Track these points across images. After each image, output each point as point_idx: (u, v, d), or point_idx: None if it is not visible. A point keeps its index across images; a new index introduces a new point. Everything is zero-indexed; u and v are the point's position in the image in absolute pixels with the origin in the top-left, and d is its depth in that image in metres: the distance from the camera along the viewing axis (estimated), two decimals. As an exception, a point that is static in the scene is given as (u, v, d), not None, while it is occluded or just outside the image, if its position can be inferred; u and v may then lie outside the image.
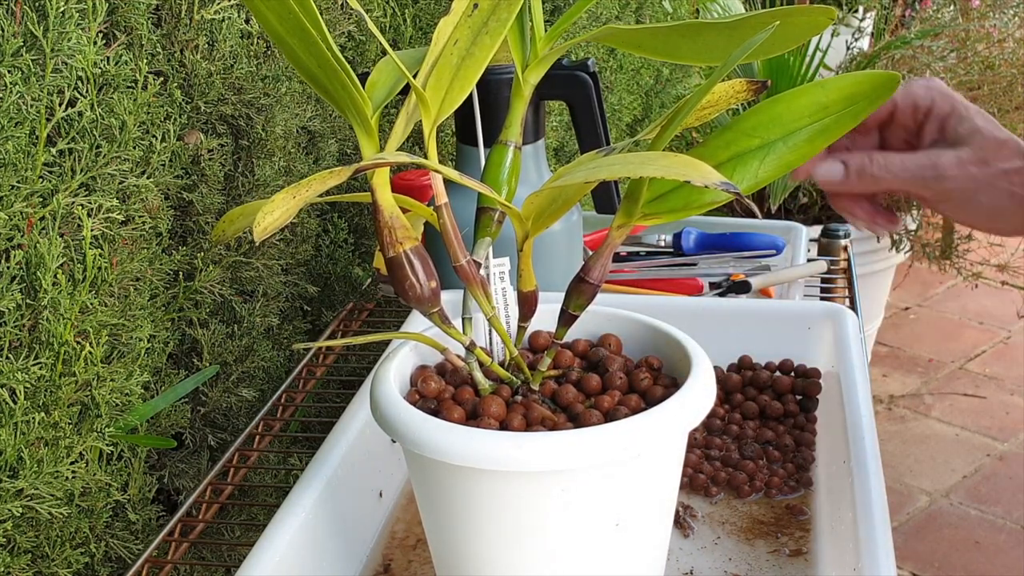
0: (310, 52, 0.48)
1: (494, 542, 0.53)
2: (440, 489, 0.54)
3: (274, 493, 0.93)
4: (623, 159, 0.49)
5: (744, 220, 1.27)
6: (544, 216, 0.56)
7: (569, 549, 0.53)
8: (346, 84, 0.50)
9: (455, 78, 0.53)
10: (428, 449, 0.51)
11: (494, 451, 0.49)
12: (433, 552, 0.59)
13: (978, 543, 1.95)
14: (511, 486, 0.51)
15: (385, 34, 1.14)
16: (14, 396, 0.68)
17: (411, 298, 0.55)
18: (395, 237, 0.53)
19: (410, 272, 0.54)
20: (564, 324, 0.59)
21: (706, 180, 0.43)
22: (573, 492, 0.51)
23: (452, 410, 0.54)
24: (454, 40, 0.53)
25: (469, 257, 0.56)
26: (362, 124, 0.52)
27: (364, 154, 0.53)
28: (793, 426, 0.78)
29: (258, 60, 0.90)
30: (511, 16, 0.52)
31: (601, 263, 0.56)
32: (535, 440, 0.50)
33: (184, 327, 0.89)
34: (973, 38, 2.90)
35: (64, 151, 0.71)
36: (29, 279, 0.68)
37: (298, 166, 0.99)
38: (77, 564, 0.74)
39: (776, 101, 0.52)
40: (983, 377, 2.56)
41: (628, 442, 0.50)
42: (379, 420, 0.54)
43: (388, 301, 1.15)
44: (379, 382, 0.56)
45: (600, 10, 1.72)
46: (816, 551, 0.66)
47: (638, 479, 0.53)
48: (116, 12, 0.76)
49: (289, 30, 0.47)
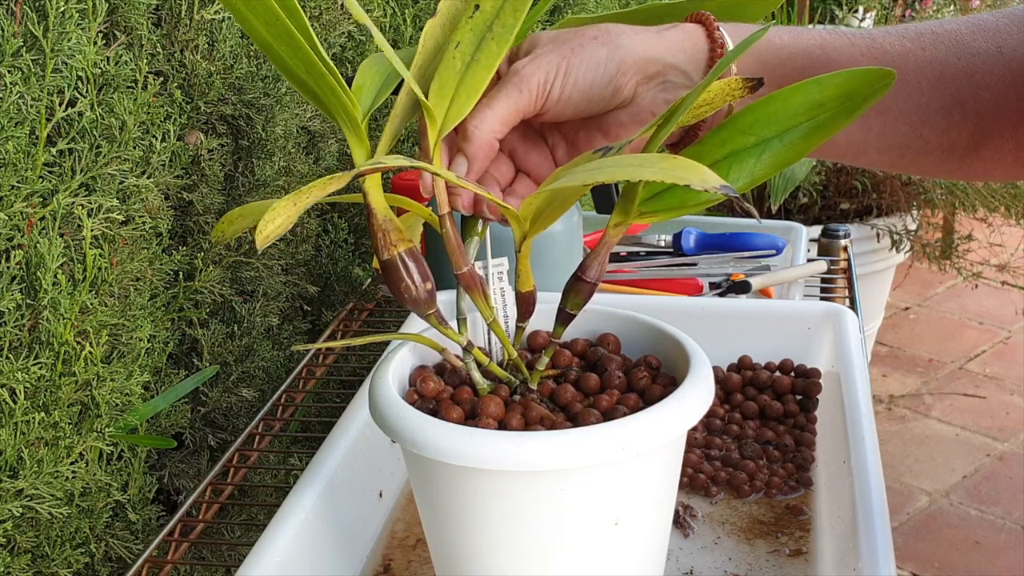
0: (298, 58, 0.48)
1: (493, 542, 0.53)
2: (439, 489, 0.54)
3: (274, 493, 0.93)
4: (621, 161, 0.49)
5: (744, 220, 1.27)
6: (543, 217, 0.56)
7: (568, 548, 0.53)
8: (335, 89, 0.49)
9: (461, 86, 0.52)
10: (427, 449, 0.51)
11: (493, 451, 0.49)
12: (433, 552, 0.59)
13: (978, 543, 1.95)
14: (510, 486, 0.51)
15: (385, 34, 1.14)
16: (14, 396, 0.68)
17: (407, 300, 0.55)
18: (389, 240, 0.53)
19: (405, 275, 0.54)
20: (561, 323, 0.59)
21: (705, 184, 0.43)
22: (572, 491, 0.51)
23: (451, 410, 0.54)
24: (455, 43, 0.52)
25: (472, 265, 0.56)
26: (352, 129, 0.52)
27: (356, 159, 0.53)
28: (793, 426, 0.78)
29: (258, 60, 0.90)
30: (518, 22, 0.51)
31: (598, 262, 0.56)
32: (534, 440, 0.50)
33: (184, 327, 0.89)
34: (973, 38, 2.89)
35: (64, 151, 0.71)
36: (29, 279, 0.68)
37: (298, 166, 0.99)
38: (77, 564, 0.74)
39: (772, 99, 0.52)
40: (983, 377, 2.56)
41: (627, 441, 0.50)
42: (378, 421, 0.54)
43: (388, 301, 1.15)
44: (378, 383, 0.56)
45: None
46: (816, 551, 0.66)
47: (637, 478, 0.53)
48: (116, 12, 0.76)
49: (276, 36, 0.47)
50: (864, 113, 0.50)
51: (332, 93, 0.50)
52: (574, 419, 0.55)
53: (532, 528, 0.52)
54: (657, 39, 0.58)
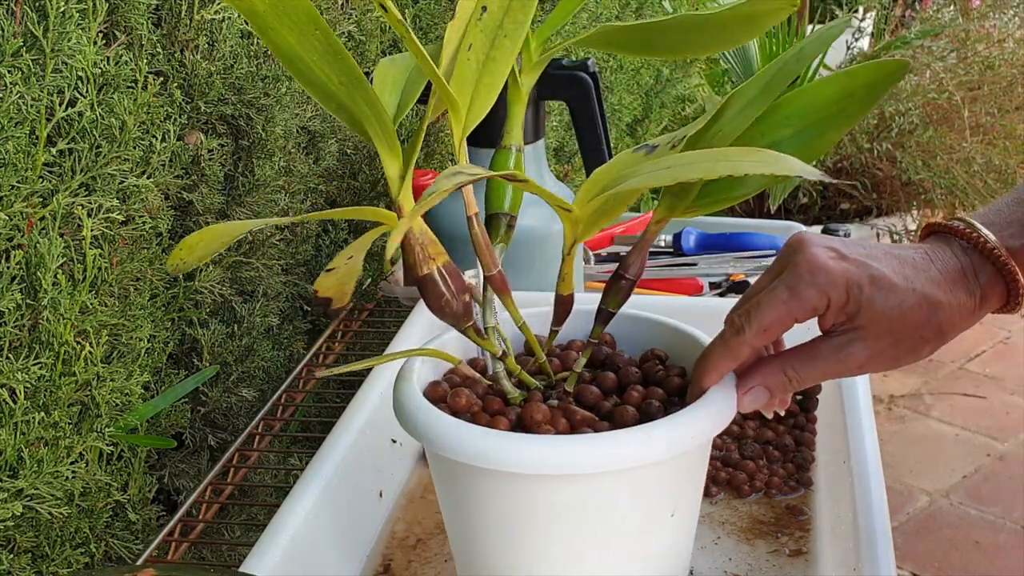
0: (333, 68, 0.47)
1: (561, 543, 0.53)
2: (496, 499, 0.53)
3: (274, 493, 0.93)
4: (705, 156, 0.48)
5: (744, 220, 1.27)
6: (599, 219, 0.56)
7: (634, 540, 0.54)
8: (373, 100, 0.48)
9: (479, 84, 0.52)
10: (493, 462, 0.50)
11: (576, 456, 0.50)
12: (471, 560, 0.58)
13: (978, 543, 1.95)
14: (582, 488, 0.51)
15: (385, 34, 1.14)
16: (14, 396, 0.68)
17: (447, 314, 0.54)
18: (427, 254, 0.53)
19: (444, 289, 0.53)
20: (601, 322, 0.59)
21: (804, 172, 0.44)
22: (640, 487, 0.52)
23: (499, 422, 0.54)
24: (467, 45, 0.52)
25: (500, 267, 0.56)
26: (385, 140, 0.51)
27: (388, 171, 0.52)
28: (793, 426, 0.78)
29: (258, 60, 0.90)
30: (527, 18, 0.52)
31: (640, 259, 0.58)
32: (610, 441, 0.50)
33: (184, 327, 0.89)
34: (973, 38, 2.90)
35: (64, 151, 0.71)
36: (29, 279, 0.68)
37: (298, 166, 0.99)
38: (77, 564, 0.74)
39: (805, 92, 0.55)
40: (983, 377, 2.56)
41: (695, 432, 0.52)
42: (433, 443, 0.53)
43: (388, 301, 1.15)
44: (409, 400, 0.55)
45: (600, 10, 1.72)
46: (816, 551, 0.66)
47: (692, 467, 0.55)
48: (116, 12, 0.76)
49: (309, 48, 0.46)
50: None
51: (368, 104, 0.49)
52: (609, 418, 0.55)
53: (602, 525, 0.53)
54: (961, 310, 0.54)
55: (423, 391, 0.57)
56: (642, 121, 2.06)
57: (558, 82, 0.95)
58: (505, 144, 0.59)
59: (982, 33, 2.91)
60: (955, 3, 3.08)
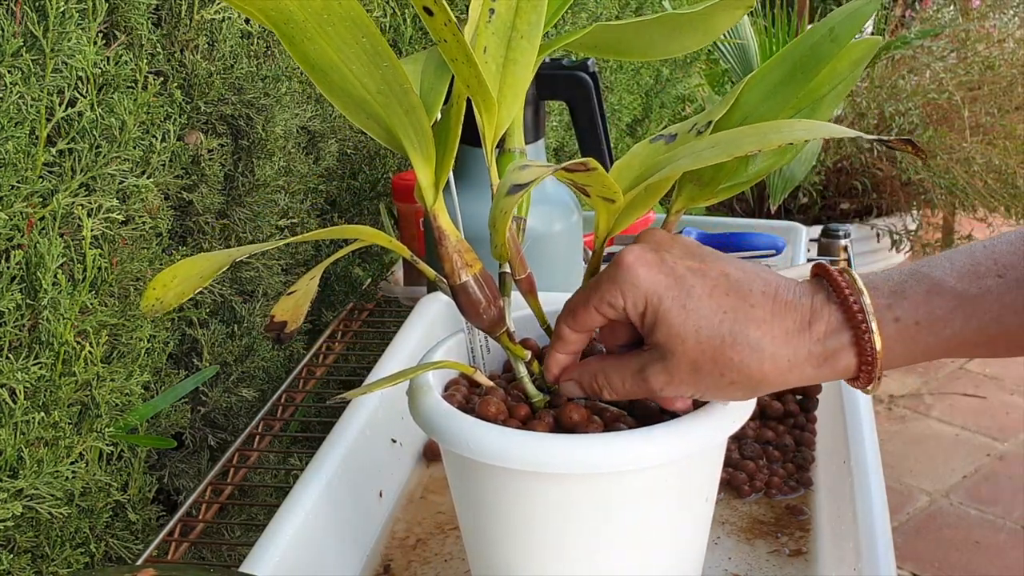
0: (374, 78, 0.46)
1: (605, 540, 0.54)
2: (534, 501, 0.53)
3: (274, 493, 0.93)
4: (748, 132, 0.48)
5: (744, 220, 1.27)
6: (635, 209, 0.55)
7: (673, 527, 0.56)
8: (413, 107, 0.47)
9: (503, 87, 0.52)
10: (539, 465, 0.50)
11: (625, 454, 0.50)
12: (491, 561, 0.58)
13: (978, 543, 1.95)
14: (633, 483, 0.52)
15: (384, 34, 1.14)
16: (14, 396, 0.68)
17: (483, 322, 0.54)
18: (464, 262, 0.53)
19: (481, 296, 0.53)
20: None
21: (846, 134, 0.46)
22: (682, 477, 0.53)
23: (538, 425, 0.54)
24: (482, 48, 0.52)
25: (529, 271, 0.56)
26: (421, 148, 0.50)
27: (422, 179, 0.51)
28: (793, 426, 0.78)
29: (258, 60, 0.90)
30: (540, 19, 0.52)
31: None
32: (660, 435, 0.51)
33: (184, 327, 0.89)
34: (973, 38, 2.90)
35: (64, 151, 0.71)
36: (29, 279, 0.68)
37: (298, 166, 0.99)
38: (77, 564, 0.74)
39: (839, 57, 0.57)
40: (983, 377, 2.56)
41: (727, 423, 0.53)
42: (476, 452, 0.52)
43: (388, 301, 1.15)
44: (437, 409, 0.54)
45: (600, 10, 1.72)
46: (816, 551, 0.66)
47: (721, 455, 0.57)
48: (116, 12, 0.76)
49: (351, 56, 0.45)
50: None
51: (408, 112, 0.47)
52: (632, 412, 0.56)
53: (647, 517, 0.54)
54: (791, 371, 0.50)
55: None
56: (642, 121, 2.06)
57: (558, 82, 0.95)
58: (508, 147, 0.59)
59: (982, 33, 2.91)
60: (955, 3, 3.08)
